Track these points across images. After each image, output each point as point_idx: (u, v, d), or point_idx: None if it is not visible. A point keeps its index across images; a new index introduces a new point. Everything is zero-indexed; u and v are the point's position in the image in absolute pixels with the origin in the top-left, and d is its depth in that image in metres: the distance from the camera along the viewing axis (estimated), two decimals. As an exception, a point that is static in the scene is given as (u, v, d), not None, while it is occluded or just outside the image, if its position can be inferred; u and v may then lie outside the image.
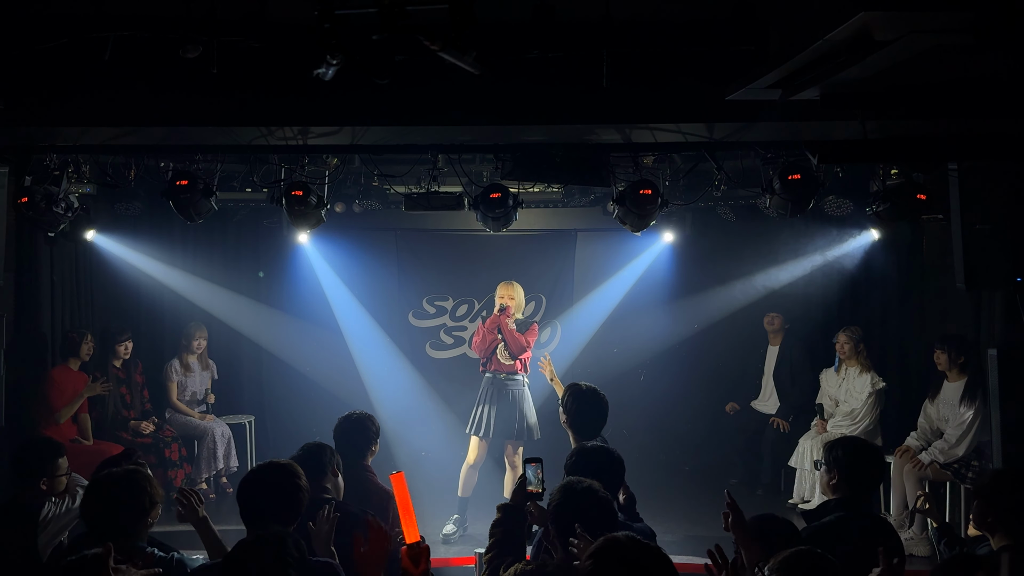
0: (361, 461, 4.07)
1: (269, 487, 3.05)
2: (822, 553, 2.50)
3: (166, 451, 6.57)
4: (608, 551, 2.34)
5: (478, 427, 6.05)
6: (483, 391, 6.17)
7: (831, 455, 3.46)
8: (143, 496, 3.11)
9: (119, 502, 3.07)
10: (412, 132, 5.03)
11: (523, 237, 7.83)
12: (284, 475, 3.09)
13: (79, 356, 6.41)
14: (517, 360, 6.15)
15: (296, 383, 8.06)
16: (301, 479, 3.11)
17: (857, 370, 6.57)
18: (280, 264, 8.04)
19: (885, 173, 5.53)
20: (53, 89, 4.58)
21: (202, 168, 5.43)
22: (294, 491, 3.06)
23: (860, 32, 3.22)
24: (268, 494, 3.04)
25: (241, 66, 4.32)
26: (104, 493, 3.11)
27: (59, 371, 6.37)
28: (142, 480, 3.16)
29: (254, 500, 3.03)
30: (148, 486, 3.16)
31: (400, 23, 2.99)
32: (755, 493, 7.03)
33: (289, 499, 3.05)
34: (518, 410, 6.04)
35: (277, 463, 3.17)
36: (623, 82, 4.37)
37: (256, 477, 3.11)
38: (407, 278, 8.13)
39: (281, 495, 3.04)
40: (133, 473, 3.19)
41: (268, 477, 3.09)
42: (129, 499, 3.08)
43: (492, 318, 6.15)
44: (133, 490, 3.10)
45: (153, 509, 3.16)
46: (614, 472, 3.48)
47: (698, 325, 8.04)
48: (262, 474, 3.12)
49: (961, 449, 5.66)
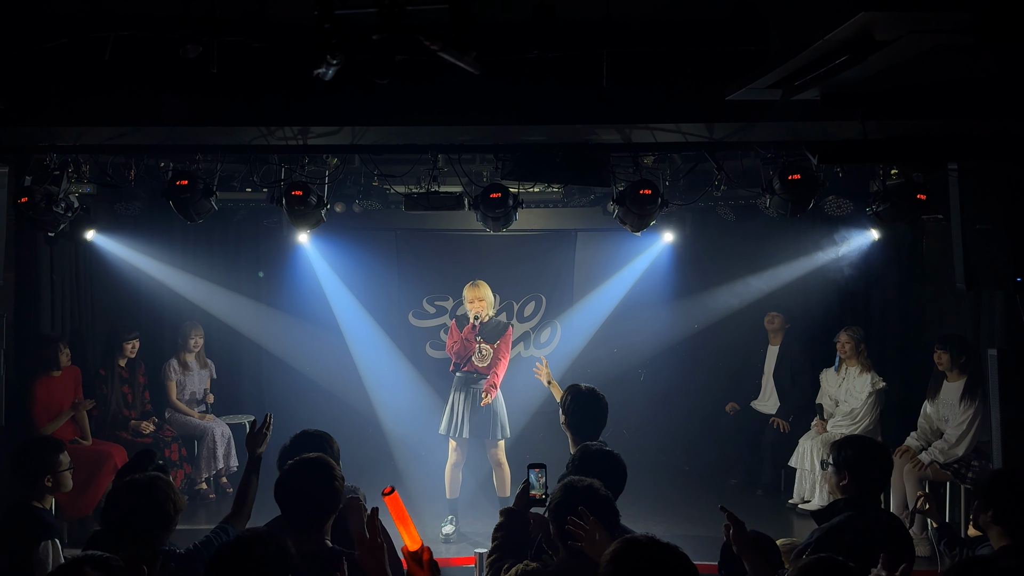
0: None
1: (311, 484, 3.03)
2: (843, 561, 2.47)
3: (166, 451, 6.57)
4: (627, 552, 2.30)
5: (454, 429, 6.05)
6: (454, 391, 6.15)
7: (840, 456, 3.44)
8: (167, 503, 3.14)
9: (145, 510, 3.09)
10: (412, 132, 5.03)
11: (523, 237, 7.83)
12: (324, 471, 3.07)
13: (60, 365, 6.26)
14: (491, 360, 6.13)
15: (296, 383, 8.06)
16: (337, 471, 3.10)
17: (857, 370, 6.57)
18: (280, 264, 8.04)
19: (885, 173, 5.53)
20: (53, 89, 4.58)
21: (202, 168, 5.42)
22: (332, 486, 3.05)
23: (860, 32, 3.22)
24: (311, 491, 3.02)
25: (241, 66, 4.32)
26: (129, 501, 3.13)
27: (41, 385, 6.19)
28: (165, 487, 3.18)
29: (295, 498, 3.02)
30: (172, 492, 3.19)
31: (400, 23, 2.99)
32: (755, 493, 7.03)
33: (331, 494, 3.04)
34: (490, 410, 6.03)
35: (311, 460, 3.13)
36: (623, 82, 4.37)
37: (294, 475, 3.08)
38: (407, 278, 8.13)
39: (325, 491, 3.03)
40: (156, 480, 3.21)
41: (308, 474, 3.06)
42: (155, 507, 3.11)
43: (468, 329, 6.11)
44: (158, 498, 3.12)
45: (177, 515, 3.19)
46: (618, 475, 3.46)
47: (698, 325, 8.03)
48: (301, 472, 3.08)
49: (961, 449, 5.66)
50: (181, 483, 6.52)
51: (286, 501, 3.03)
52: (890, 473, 3.52)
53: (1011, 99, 4.33)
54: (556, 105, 4.61)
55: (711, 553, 5.46)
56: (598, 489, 3.00)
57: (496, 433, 6.03)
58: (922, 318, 7.13)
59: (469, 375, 6.12)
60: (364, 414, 8.04)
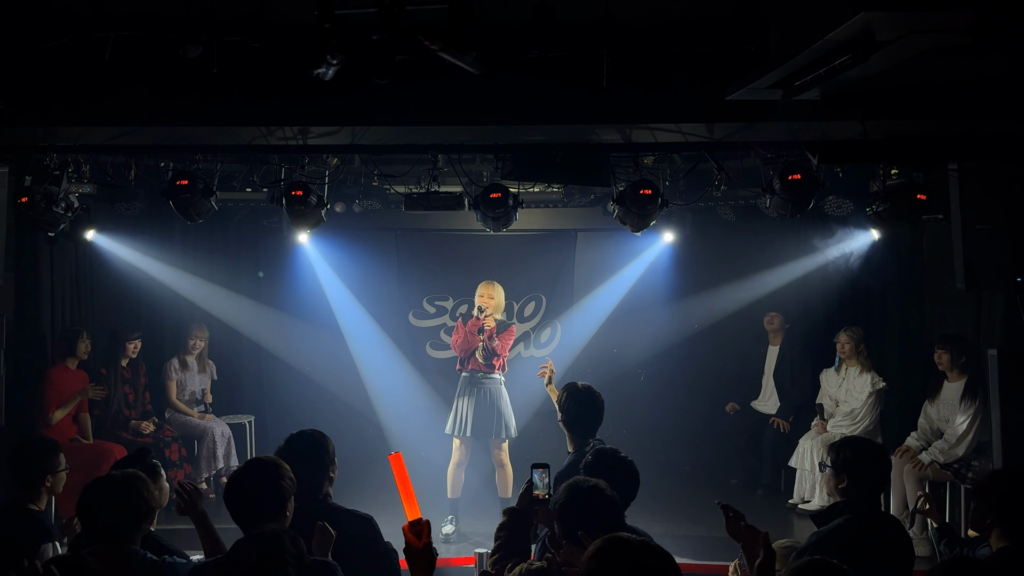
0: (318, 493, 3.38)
1: (251, 485, 2.99)
2: (836, 563, 2.47)
3: (166, 451, 6.57)
4: (610, 550, 2.29)
5: (458, 428, 6.06)
6: (460, 390, 6.16)
7: (839, 458, 3.39)
8: (140, 502, 3.07)
9: (114, 506, 3.03)
10: (412, 132, 5.03)
11: (523, 237, 7.83)
12: (266, 472, 3.02)
13: (76, 355, 6.39)
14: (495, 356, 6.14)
15: (296, 383, 8.06)
16: (284, 473, 3.03)
17: (857, 370, 6.57)
18: (280, 264, 8.04)
19: (885, 173, 5.53)
20: (53, 89, 4.58)
21: (202, 168, 5.42)
22: (276, 488, 2.98)
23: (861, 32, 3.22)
24: (251, 493, 2.98)
25: (241, 66, 4.32)
26: (100, 495, 3.08)
27: (56, 371, 6.34)
28: (140, 485, 3.12)
29: (238, 500, 2.98)
30: (145, 491, 3.12)
31: (400, 23, 2.99)
32: (755, 493, 7.02)
33: (273, 496, 2.98)
34: (496, 409, 6.04)
35: (259, 460, 3.11)
36: (623, 82, 4.37)
37: (238, 477, 3.06)
38: (407, 278, 8.12)
39: (264, 493, 2.97)
40: (132, 477, 3.15)
41: (250, 476, 3.03)
42: (125, 504, 3.05)
43: (473, 321, 6.13)
44: (130, 495, 3.06)
45: (149, 515, 3.13)
46: (629, 478, 3.42)
47: (698, 325, 8.03)
48: (243, 473, 3.06)
49: (961, 449, 5.65)
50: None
51: (230, 501, 2.98)
52: (889, 475, 3.50)
53: (1011, 99, 4.33)
54: (556, 105, 4.61)
55: (711, 553, 5.50)
56: (604, 490, 2.98)
57: (501, 432, 6.04)
58: (922, 318, 7.13)
59: (474, 374, 6.12)
60: (364, 414, 8.03)
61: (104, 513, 3.03)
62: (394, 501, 3.27)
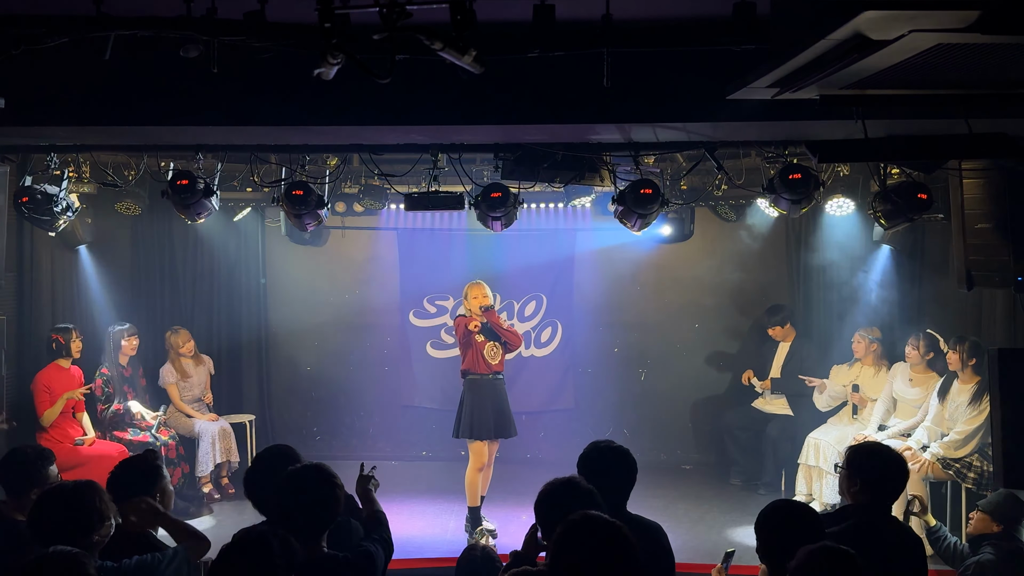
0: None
1: (315, 490, 3.02)
2: (846, 550, 2.48)
3: (163, 449, 6.56)
4: (571, 529, 2.39)
5: (482, 430, 5.92)
6: (478, 394, 6.01)
7: (854, 461, 3.37)
8: (91, 512, 2.96)
9: (64, 516, 2.93)
10: (412, 132, 5.03)
11: (523, 237, 7.83)
12: (327, 478, 3.07)
13: (70, 354, 6.33)
14: (502, 355, 6.11)
15: (296, 382, 8.06)
16: (337, 478, 3.09)
17: (872, 371, 6.57)
18: (281, 264, 8.05)
19: (885, 173, 5.53)
20: (53, 89, 4.58)
21: (202, 168, 5.43)
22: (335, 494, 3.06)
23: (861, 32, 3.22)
24: (316, 497, 3.01)
25: (241, 66, 4.31)
26: (50, 506, 2.98)
27: (46, 373, 6.22)
28: (91, 495, 3.00)
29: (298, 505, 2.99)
30: (97, 501, 2.99)
31: (400, 23, 2.98)
32: (756, 492, 7.02)
33: (334, 501, 3.05)
34: (506, 409, 6.04)
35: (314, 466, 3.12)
36: (623, 82, 4.36)
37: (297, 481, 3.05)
38: (407, 278, 8.13)
39: (328, 497, 3.04)
40: (83, 486, 3.03)
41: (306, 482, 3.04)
42: (74, 514, 2.94)
43: (471, 321, 6.05)
44: (80, 506, 2.95)
45: (102, 526, 2.98)
46: (628, 470, 3.35)
47: (698, 325, 8.04)
48: (305, 478, 3.06)
49: (965, 450, 5.65)
50: (179, 481, 6.52)
51: (288, 508, 2.98)
52: (904, 484, 3.43)
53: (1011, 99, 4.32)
54: (556, 105, 4.61)
55: (711, 553, 5.50)
56: (578, 483, 2.98)
57: (509, 432, 6.03)
58: (922, 318, 7.12)
59: (484, 376, 6.02)
60: (364, 414, 8.03)
61: (51, 523, 2.92)
62: (394, 505, 3.27)
